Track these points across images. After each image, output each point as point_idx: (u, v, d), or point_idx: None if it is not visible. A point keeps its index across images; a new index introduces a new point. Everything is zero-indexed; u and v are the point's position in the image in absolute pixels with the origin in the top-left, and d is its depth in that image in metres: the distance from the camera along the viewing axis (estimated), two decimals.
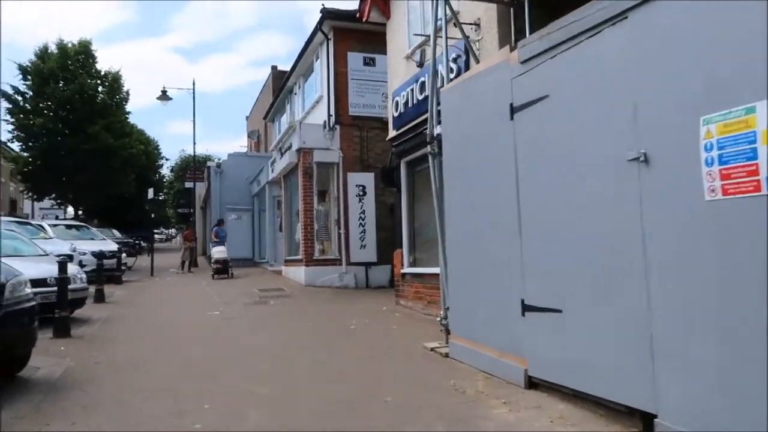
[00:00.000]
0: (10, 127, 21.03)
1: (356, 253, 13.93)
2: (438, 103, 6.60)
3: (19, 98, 20.92)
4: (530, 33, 5.28)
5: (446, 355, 5.93)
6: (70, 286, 8.92)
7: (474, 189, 5.49)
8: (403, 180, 10.18)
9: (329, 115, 14.44)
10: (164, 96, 22.31)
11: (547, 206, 4.37)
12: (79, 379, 5.33)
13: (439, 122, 6.53)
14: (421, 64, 9.09)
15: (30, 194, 23.82)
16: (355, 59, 14.68)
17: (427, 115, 8.72)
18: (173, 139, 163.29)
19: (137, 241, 34.34)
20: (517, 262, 4.69)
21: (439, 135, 6.43)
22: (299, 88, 18.15)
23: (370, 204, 14.16)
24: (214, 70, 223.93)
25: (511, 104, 4.76)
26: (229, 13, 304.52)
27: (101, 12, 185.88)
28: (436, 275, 8.67)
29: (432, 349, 6.23)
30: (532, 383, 4.58)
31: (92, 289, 11.18)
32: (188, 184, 24.84)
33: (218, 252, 16.75)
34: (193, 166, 23.95)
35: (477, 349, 5.37)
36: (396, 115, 10.16)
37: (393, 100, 10.28)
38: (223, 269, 16.38)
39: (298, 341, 7.15)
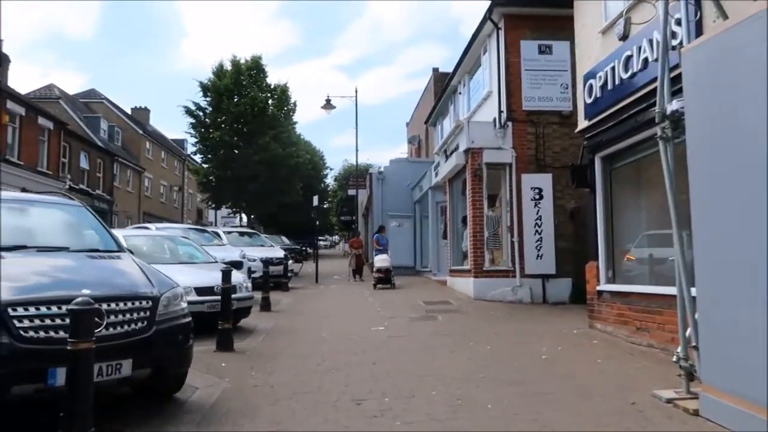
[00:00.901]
0: (194, 140, 22.79)
1: (531, 264, 12.35)
2: (669, 72, 4.97)
3: (201, 114, 22.52)
4: None
5: (695, 413, 4.27)
6: (235, 295, 8.61)
7: (747, 181, 3.81)
8: (598, 179, 8.47)
9: (500, 112, 13.06)
10: (328, 105, 22.58)
11: None
12: (234, 408, 4.61)
13: (674, 96, 4.89)
14: (624, 37, 7.38)
15: (210, 203, 25.64)
16: (528, 48, 13.15)
17: (636, 95, 7.11)
18: (337, 151, 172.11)
19: (304, 248, 35.75)
20: None
21: (675, 112, 4.79)
22: (464, 86, 17.00)
23: (548, 209, 12.51)
24: (373, 83, 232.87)
25: None
26: (384, 28, 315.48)
27: (272, 38, 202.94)
28: (652, 296, 6.92)
29: (670, 402, 4.59)
30: None
31: (259, 296, 11.05)
32: (351, 192, 24.97)
33: (380, 260, 16.07)
34: (355, 173, 23.92)
35: (757, 414, 3.66)
36: (589, 101, 8.49)
37: (585, 85, 8.62)
38: (385, 279, 15.67)
39: (481, 372, 5.89)
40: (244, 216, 27.65)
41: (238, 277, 9.19)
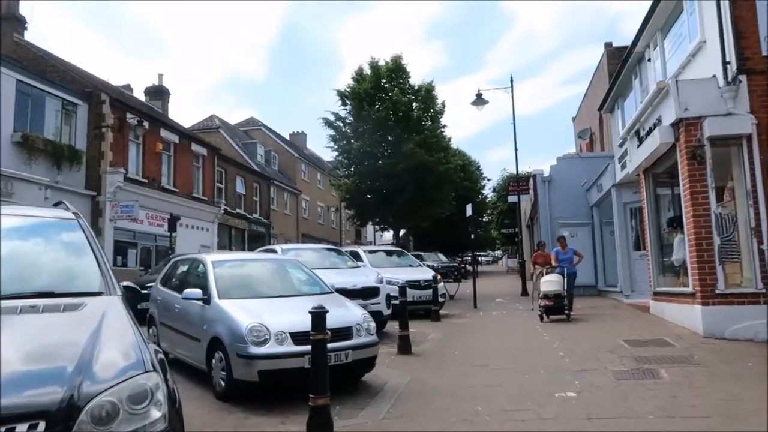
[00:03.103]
0: (335, 153, 21.10)
1: None
2: None
3: (341, 124, 20.79)
4: None
5: None
6: (348, 343, 6.00)
7: None
8: None
9: (725, 63, 8.99)
10: (479, 100, 19.56)
11: None
12: None
13: None
14: None
15: (355, 221, 23.83)
16: None
17: None
18: (494, 165, 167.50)
19: (462, 266, 32.69)
20: None
21: None
22: (655, 48, 12.90)
23: None
24: (528, 95, 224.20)
25: None
26: (535, 37, 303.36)
27: (424, 60, 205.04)
28: None
29: None
30: None
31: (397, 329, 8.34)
32: (511, 198, 21.48)
33: (549, 282, 11.71)
34: (516, 177, 20.43)
35: None
36: None
37: None
38: (555, 307, 11.44)
39: None
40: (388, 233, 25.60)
41: (353, 314, 6.55)
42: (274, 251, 11.91)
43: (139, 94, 28.98)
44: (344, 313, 6.48)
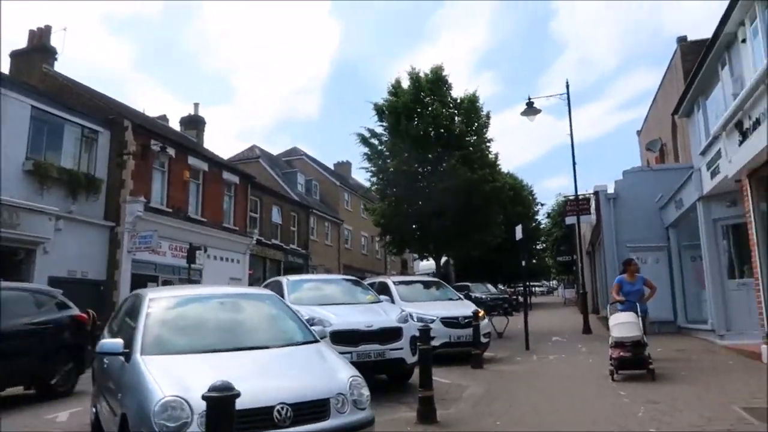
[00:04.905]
0: (369, 174, 19.17)
1: None
2: None
3: (376, 141, 18.87)
4: None
5: None
6: (325, 425, 3.86)
7: None
8: None
9: None
10: (531, 109, 17.29)
11: None
12: None
13: None
14: None
15: (390, 248, 21.65)
16: None
17: None
18: (549, 192, 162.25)
19: (513, 297, 29.93)
20: None
21: None
22: (752, 23, 10.36)
23: None
24: (584, 120, 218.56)
25: None
26: (590, 61, 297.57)
27: (478, 89, 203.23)
28: None
29: None
30: None
31: (442, 379, 6.11)
32: (569, 220, 18.86)
33: (624, 326, 8.39)
34: (575, 196, 17.86)
35: None
36: None
37: None
38: (633, 359, 8.17)
39: None
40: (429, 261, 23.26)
41: (328, 379, 4.40)
42: (279, 282, 9.94)
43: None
44: (321, 376, 4.34)
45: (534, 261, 47.79)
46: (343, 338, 7.82)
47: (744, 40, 10.68)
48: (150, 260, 19.19)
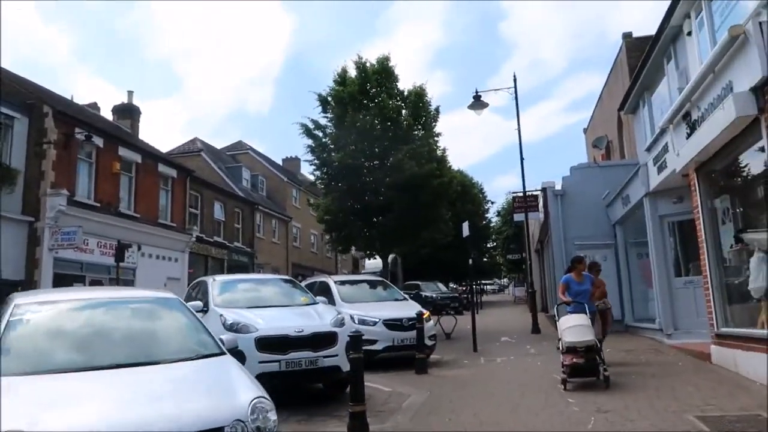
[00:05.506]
0: (312, 168, 18.30)
1: None
2: None
3: (320, 133, 18.00)
4: None
5: None
6: None
7: None
8: None
9: None
10: (478, 103, 16.87)
11: None
12: None
13: None
14: None
15: (336, 247, 20.85)
16: None
17: None
18: (499, 191, 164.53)
19: (464, 296, 29.65)
20: None
21: None
22: (698, 15, 10.12)
23: None
24: (533, 121, 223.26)
25: None
26: (540, 62, 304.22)
27: (429, 89, 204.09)
28: None
29: None
30: None
31: (384, 387, 5.37)
32: (517, 217, 18.56)
33: (576, 330, 7.64)
34: (523, 192, 17.51)
35: None
36: None
37: None
38: (587, 366, 7.51)
39: None
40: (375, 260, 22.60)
41: (224, 404, 3.61)
42: (204, 283, 9.03)
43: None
44: (218, 399, 3.55)
45: (485, 259, 47.85)
46: (270, 345, 7.05)
47: (690, 33, 10.43)
48: (75, 259, 17.73)
